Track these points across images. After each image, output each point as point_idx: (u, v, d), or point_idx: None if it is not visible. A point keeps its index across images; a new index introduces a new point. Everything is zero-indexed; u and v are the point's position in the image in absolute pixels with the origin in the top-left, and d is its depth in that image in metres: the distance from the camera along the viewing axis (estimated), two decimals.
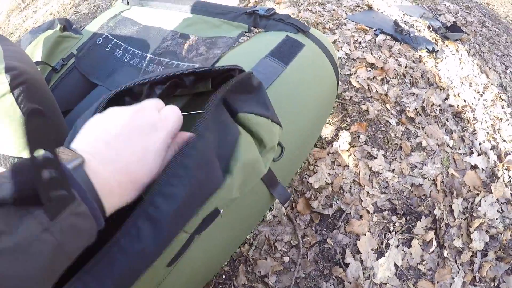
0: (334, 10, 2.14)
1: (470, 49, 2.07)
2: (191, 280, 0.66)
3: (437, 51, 1.92)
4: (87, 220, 0.31)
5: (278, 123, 0.66)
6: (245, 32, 1.02)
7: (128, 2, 1.38)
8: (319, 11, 2.10)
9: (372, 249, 1.15)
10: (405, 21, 2.20)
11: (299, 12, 2.06)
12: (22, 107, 0.65)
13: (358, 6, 2.25)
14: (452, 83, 1.78)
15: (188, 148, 0.42)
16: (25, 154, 0.68)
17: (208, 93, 0.55)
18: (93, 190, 0.32)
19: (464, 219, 1.26)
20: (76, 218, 0.29)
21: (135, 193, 0.38)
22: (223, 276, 1.09)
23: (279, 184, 0.73)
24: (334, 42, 1.86)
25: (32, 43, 1.24)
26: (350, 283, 1.08)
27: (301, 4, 2.16)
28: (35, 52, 1.22)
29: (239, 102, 0.57)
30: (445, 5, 2.54)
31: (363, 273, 1.10)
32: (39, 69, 1.15)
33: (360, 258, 1.13)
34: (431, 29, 2.17)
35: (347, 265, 1.11)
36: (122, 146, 0.36)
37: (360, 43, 1.89)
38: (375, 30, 1.99)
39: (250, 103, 0.60)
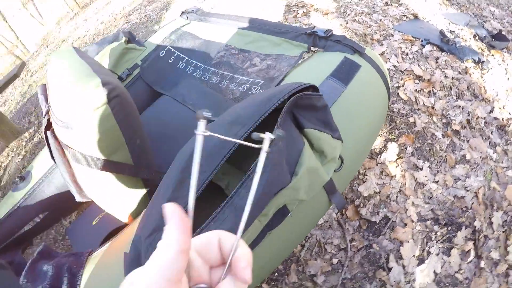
0: (380, 20, 2.17)
1: None
2: (256, 275, 0.75)
3: (483, 61, 1.92)
4: None
5: (339, 139, 0.76)
6: (305, 51, 1.10)
7: (187, 17, 1.47)
8: (366, 21, 2.14)
9: (414, 256, 1.20)
10: (450, 30, 2.20)
11: (347, 23, 2.10)
12: (116, 117, 0.74)
13: (404, 15, 2.27)
14: (497, 95, 1.78)
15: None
16: (114, 158, 0.78)
17: None
18: None
19: (503, 232, 1.27)
20: None
21: None
22: (276, 274, 1.18)
23: (337, 191, 0.82)
24: (382, 54, 1.90)
25: (100, 54, 1.33)
26: (392, 286, 1.14)
27: (348, 15, 2.20)
28: (102, 61, 1.31)
29: (306, 119, 0.69)
30: (490, 10, 2.50)
31: (404, 277, 1.16)
32: None
33: (403, 264, 1.19)
34: (477, 38, 2.15)
35: (390, 269, 1.18)
36: None
37: (407, 54, 1.92)
38: (421, 41, 2.01)
39: (315, 120, 0.71)
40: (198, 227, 0.51)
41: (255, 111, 0.59)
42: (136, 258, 0.54)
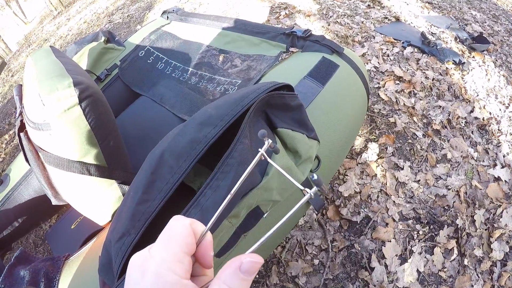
0: (362, 22, 2.19)
1: (496, 60, 2.06)
2: None
3: (464, 63, 1.94)
4: None
5: (315, 139, 0.75)
6: (283, 52, 1.10)
7: (168, 17, 1.46)
8: (348, 23, 2.15)
9: (396, 255, 1.21)
10: (432, 32, 2.22)
11: (329, 25, 2.11)
12: (88, 118, 0.73)
13: (386, 18, 2.29)
14: (478, 95, 1.80)
15: (231, 150, 0.53)
16: (87, 160, 0.76)
17: None
18: None
19: (485, 230, 1.29)
20: None
21: None
22: (257, 276, 1.17)
23: None
24: (363, 55, 1.91)
25: (78, 53, 1.31)
26: (375, 286, 1.14)
27: (330, 17, 2.21)
28: (81, 62, 1.30)
29: (280, 118, 0.68)
30: (472, 14, 2.53)
31: (387, 277, 1.16)
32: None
33: (385, 263, 1.19)
34: (458, 40, 2.18)
35: (372, 269, 1.18)
36: None
37: (388, 55, 1.93)
38: (402, 43, 2.03)
39: (290, 120, 0.70)
40: None
41: (227, 111, 0.58)
42: (107, 263, 0.53)
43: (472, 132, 1.61)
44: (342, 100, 0.91)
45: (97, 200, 0.85)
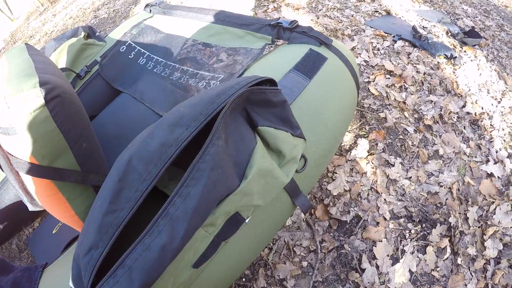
0: (352, 15, 2.15)
1: (488, 55, 2.05)
2: (218, 284, 0.70)
3: (455, 57, 1.92)
4: None
5: (301, 137, 0.71)
6: (269, 44, 1.05)
7: (150, 11, 1.41)
8: (337, 17, 2.12)
9: (387, 255, 1.17)
10: (423, 26, 2.19)
11: (318, 18, 2.07)
12: (56, 120, 0.68)
13: (377, 11, 2.25)
14: (469, 90, 1.78)
15: (203, 154, 0.48)
16: (57, 164, 0.72)
17: None
18: None
19: (479, 227, 1.26)
20: None
21: None
22: (243, 279, 1.13)
23: (301, 193, 0.77)
24: (352, 49, 1.87)
25: (57, 50, 1.27)
26: (366, 287, 1.11)
27: (320, 10, 2.18)
28: (60, 59, 1.26)
29: (261, 116, 0.63)
30: (463, 9, 2.52)
31: (379, 278, 1.13)
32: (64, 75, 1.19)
33: (376, 264, 1.15)
34: (449, 34, 2.16)
35: (363, 270, 1.14)
36: None
37: (378, 49, 1.90)
38: (393, 36, 2.00)
39: (272, 117, 0.65)
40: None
41: (201, 110, 0.53)
42: (77, 277, 0.49)
43: (464, 127, 1.58)
44: (330, 95, 0.86)
45: (73, 206, 0.81)
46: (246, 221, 0.63)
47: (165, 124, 0.52)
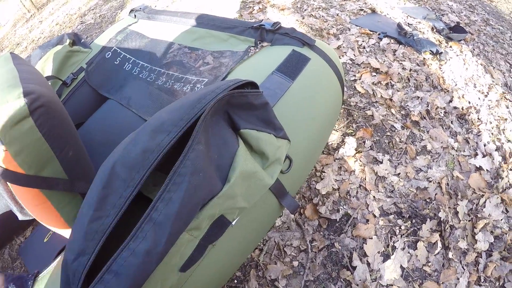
0: (337, 15, 2.16)
1: (474, 49, 2.07)
2: (208, 287, 0.70)
3: (441, 53, 1.93)
4: None
5: (285, 138, 0.71)
6: (252, 46, 1.05)
7: (135, 16, 1.41)
8: (322, 16, 2.12)
9: (378, 252, 1.18)
10: (408, 23, 2.21)
11: (303, 18, 2.08)
12: (41, 129, 0.68)
13: (362, 9, 2.27)
14: (456, 85, 1.79)
15: (183, 159, 0.49)
16: (44, 173, 0.72)
17: None
18: None
19: (469, 221, 1.27)
20: None
21: None
22: (235, 281, 1.13)
23: (288, 194, 0.77)
24: (338, 47, 1.88)
25: (43, 58, 1.26)
26: (357, 285, 1.11)
27: (305, 10, 2.18)
28: (46, 67, 1.25)
29: (243, 118, 0.64)
30: (448, 4, 2.54)
31: (370, 275, 1.13)
32: (50, 83, 1.18)
33: (367, 261, 1.16)
34: (435, 30, 2.17)
35: (354, 268, 1.14)
36: None
37: (364, 47, 1.91)
38: (379, 34, 2.01)
39: (255, 120, 0.65)
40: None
41: (182, 115, 0.53)
42: (66, 285, 0.49)
43: (451, 122, 1.59)
44: (313, 95, 0.87)
45: (62, 214, 0.81)
46: (233, 223, 0.64)
47: (147, 130, 0.52)
